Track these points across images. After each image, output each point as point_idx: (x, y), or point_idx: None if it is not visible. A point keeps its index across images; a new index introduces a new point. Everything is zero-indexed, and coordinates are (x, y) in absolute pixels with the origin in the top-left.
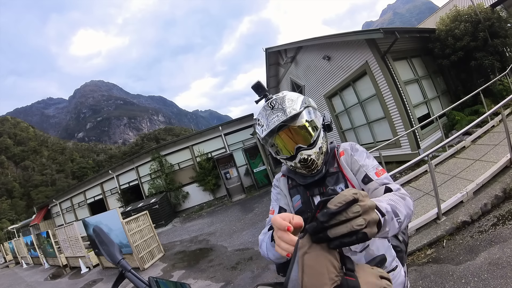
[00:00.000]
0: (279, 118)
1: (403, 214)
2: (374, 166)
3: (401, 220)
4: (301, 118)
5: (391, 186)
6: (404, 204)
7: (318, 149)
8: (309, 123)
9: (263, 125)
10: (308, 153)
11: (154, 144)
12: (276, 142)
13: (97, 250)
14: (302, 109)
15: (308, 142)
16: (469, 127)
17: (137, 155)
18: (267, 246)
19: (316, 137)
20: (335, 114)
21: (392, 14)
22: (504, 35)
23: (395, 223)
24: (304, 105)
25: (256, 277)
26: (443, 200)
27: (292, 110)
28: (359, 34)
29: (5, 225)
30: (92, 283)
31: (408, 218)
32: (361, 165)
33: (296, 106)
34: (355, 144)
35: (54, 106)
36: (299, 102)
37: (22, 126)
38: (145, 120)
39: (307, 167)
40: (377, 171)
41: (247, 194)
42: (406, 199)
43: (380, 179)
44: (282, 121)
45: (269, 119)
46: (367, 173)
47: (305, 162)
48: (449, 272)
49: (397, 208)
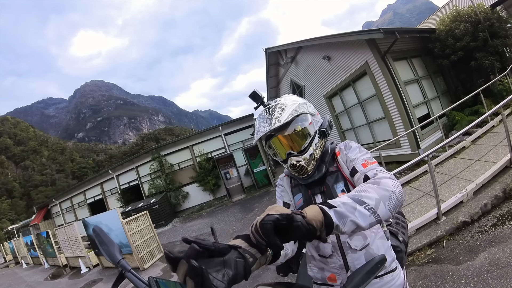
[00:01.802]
0: (265, 129)
1: (374, 198)
2: (363, 158)
3: (371, 205)
4: (287, 128)
5: (369, 173)
6: (377, 188)
7: (308, 155)
8: (299, 131)
9: (255, 132)
10: (298, 159)
11: (154, 144)
12: (271, 146)
13: (97, 250)
14: (289, 119)
15: (298, 149)
16: (469, 127)
17: (137, 155)
18: None
19: (308, 144)
20: (335, 114)
21: (392, 14)
22: (504, 35)
23: (362, 210)
24: (295, 114)
25: (256, 277)
26: (443, 200)
27: (277, 122)
28: (359, 34)
29: (5, 225)
30: (92, 283)
31: (386, 200)
32: (351, 159)
33: (283, 117)
34: (349, 142)
35: (54, 106)
36: (289, 111)
37: (22, 126)
38: (145, 120)
39: (296, 172)
40: (365, 162)
41: (247, 194)
42: (382, 182)
43: (365, 170)
44: (267, 132)
45: (259, 127)
46: (355, 165)
47: (294, 167)
48: (449, 272)
49: (363, 196)
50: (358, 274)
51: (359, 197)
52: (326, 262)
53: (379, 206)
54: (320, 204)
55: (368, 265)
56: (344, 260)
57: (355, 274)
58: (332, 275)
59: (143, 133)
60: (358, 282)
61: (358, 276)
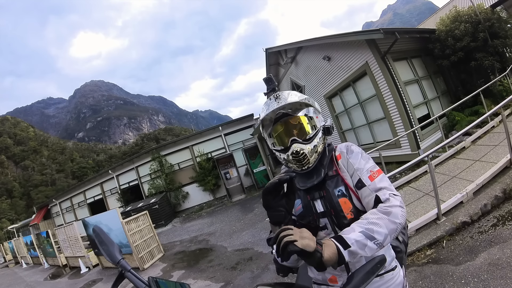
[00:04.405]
0: (279, 103)
1: (383, 234)
2: (368, 168)
3: (380, 241)
4: (300, 111)
5: (381, 195)
6: (387, 221)
7: (313, 146)
8: (308, 119)
9: (264, 110)
10: (302, 147)
11: (154, 144)
12: (274, 130)
13: (97, 250)
14: (302, 101)
15: (304, 136)
16: (469, 128)
17: (137, 155)
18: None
19: (313, 135)
20: (335, 114)
21: (392, 14)
22: (504, 35)
23: (372, 246)
24: (306, 101)
25: (256, 277)
26: (443, 200)
27: (292, 99)
28: (359, 35)
29: (5, 224)
30: (92, 283)
31: (393, 232)
32: (356, 168)
33: (293, 98)
34: (351, 145)
35: (54, 106)
36: (302, 97)
37: (22, 126)
38: (145, 120)
39: (298, 161)
40: (371, 174)
41: (247, 194)
42: (392, 212)
43: (373, 184)
44: (276, 108)
45: (269, 106)
46: (361, 177)
47: (296, 155)
48: (449, 273)
49: (374, 230)
50: (358, 274)
51: (371, 232)
52: None
53: (386, 240)
54: (335, 241)
55: (368, 265)
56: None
57: (355, 274)
58: (333, 277)
59: (143, 133)
60: (358, 282)
61: (358, 276)
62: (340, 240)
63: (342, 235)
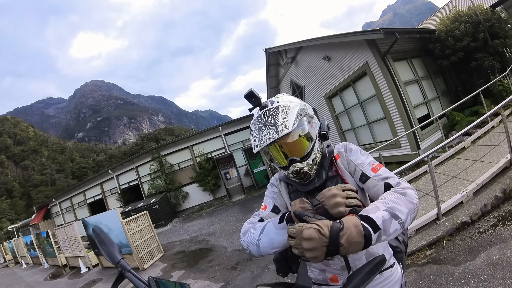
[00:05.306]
0: (270, 136)
1: (405, 213)
2: (369, 162)
3: (403, 220)
4: (293, 134)
5: (391, 181)
6: (405, 201)
7: (311, 160)
8: (303, 136)
9: (255, 139)
10: (301, 165)
11: (154, 144)
12: (270, 150)
13: (96, 250)
14: (295, 124)
15: (301, 154)
16: (469, 128)
17: (137, 155)
18: (273, 231)
19: (310, 148)
20: (335, 114)
21: (392, 14)
22: (504, 35)
23: (396, 225)
24: (299, 117)
25: (256, 277)
26: (443, 200)
27: (284, 128)
28: (359, 35)
29: (4, 224)
30: (92, 283)
31: (412, 212)
32: (357, 164)
33: (289, 122)
34: (348, 144)
35: (54, 106)
36: (293, 114)
37: (22, 125)
38: (145, 120)
39: (299, 178)
40: (373, 167)
41: (247, 195)
42: (408, 193)
43: (378, 175)
44: (274, 140)
45: (261, 135)
46: (363, 171)
47: (297, 174)
48: (448, 273)
49: (397, 209)
50: (358, 274)
51: (394, 210)
52: (327, 263)
53: (407, 219)
54: (364, 223)
55: (368, 265)
56: (345, 261)
57: (355, 274)
58: (334, 276)
59: (143, 133)
60: (358, 282)
61: (358, 276)
62: (368, 220)
63: (369, 214)
